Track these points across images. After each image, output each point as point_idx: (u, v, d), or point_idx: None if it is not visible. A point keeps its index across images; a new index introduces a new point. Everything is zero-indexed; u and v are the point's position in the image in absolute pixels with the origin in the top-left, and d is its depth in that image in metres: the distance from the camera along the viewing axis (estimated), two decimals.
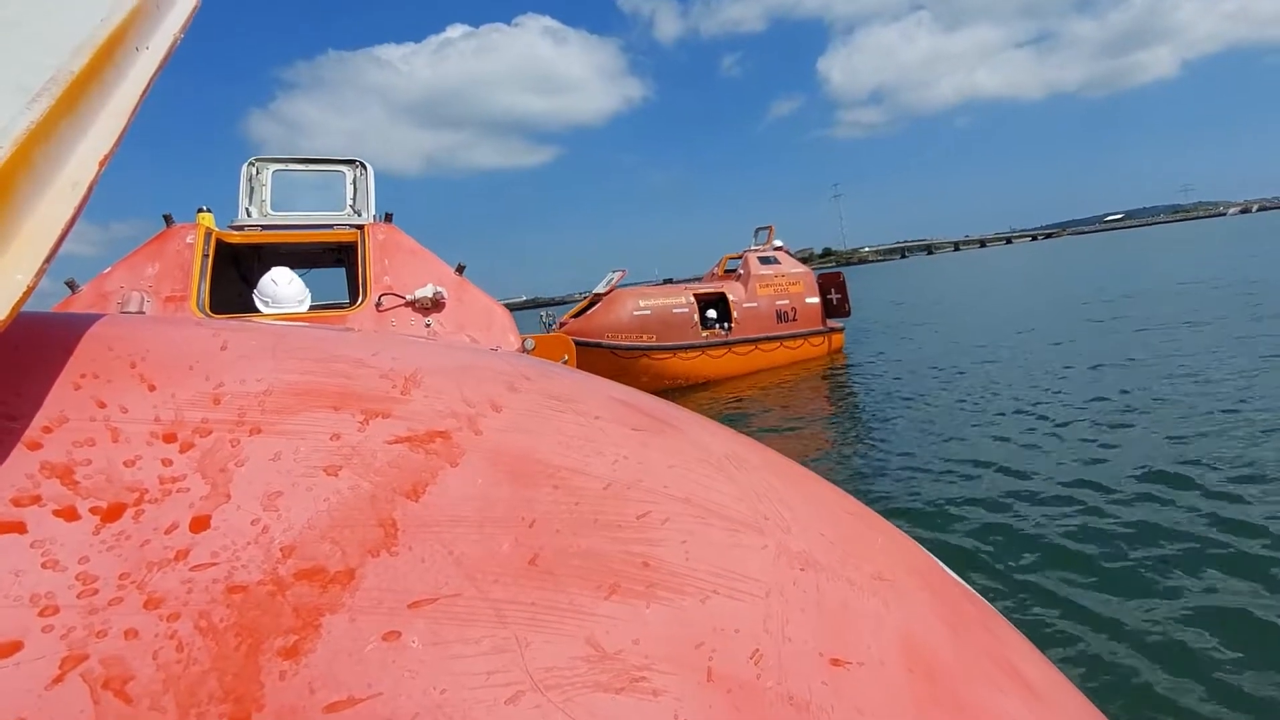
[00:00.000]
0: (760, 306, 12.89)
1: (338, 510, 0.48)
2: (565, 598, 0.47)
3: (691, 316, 12.20)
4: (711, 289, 12.95)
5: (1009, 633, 0.83)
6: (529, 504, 0.54)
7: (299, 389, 0.58)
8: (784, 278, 13.36)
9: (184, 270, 3.36)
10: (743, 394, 10.83)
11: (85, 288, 3.20)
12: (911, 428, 7.23)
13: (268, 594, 0.42)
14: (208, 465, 0.49)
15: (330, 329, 0.82)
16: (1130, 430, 5.98)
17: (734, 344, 12.38)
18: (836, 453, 6.89)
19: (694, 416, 0.97)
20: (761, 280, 13.08)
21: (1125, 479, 4.83)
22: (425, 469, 0.53)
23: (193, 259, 3.41)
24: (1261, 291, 13.42)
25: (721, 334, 12.43)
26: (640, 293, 12.42)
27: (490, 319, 4.06)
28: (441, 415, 0.60)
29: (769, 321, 12.92)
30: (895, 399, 8.86)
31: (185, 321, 0.68)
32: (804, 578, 0.61)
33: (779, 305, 13.08)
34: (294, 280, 3.96)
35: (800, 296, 13.35)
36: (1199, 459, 4.98)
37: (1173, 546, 3.76)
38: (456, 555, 0.47)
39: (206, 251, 3.51)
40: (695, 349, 12.05)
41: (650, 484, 0.63)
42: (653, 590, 0.51)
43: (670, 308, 12.08)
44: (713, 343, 12.23)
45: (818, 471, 4.18)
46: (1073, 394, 7.54)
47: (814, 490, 0.87)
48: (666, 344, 11.80)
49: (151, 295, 3.22)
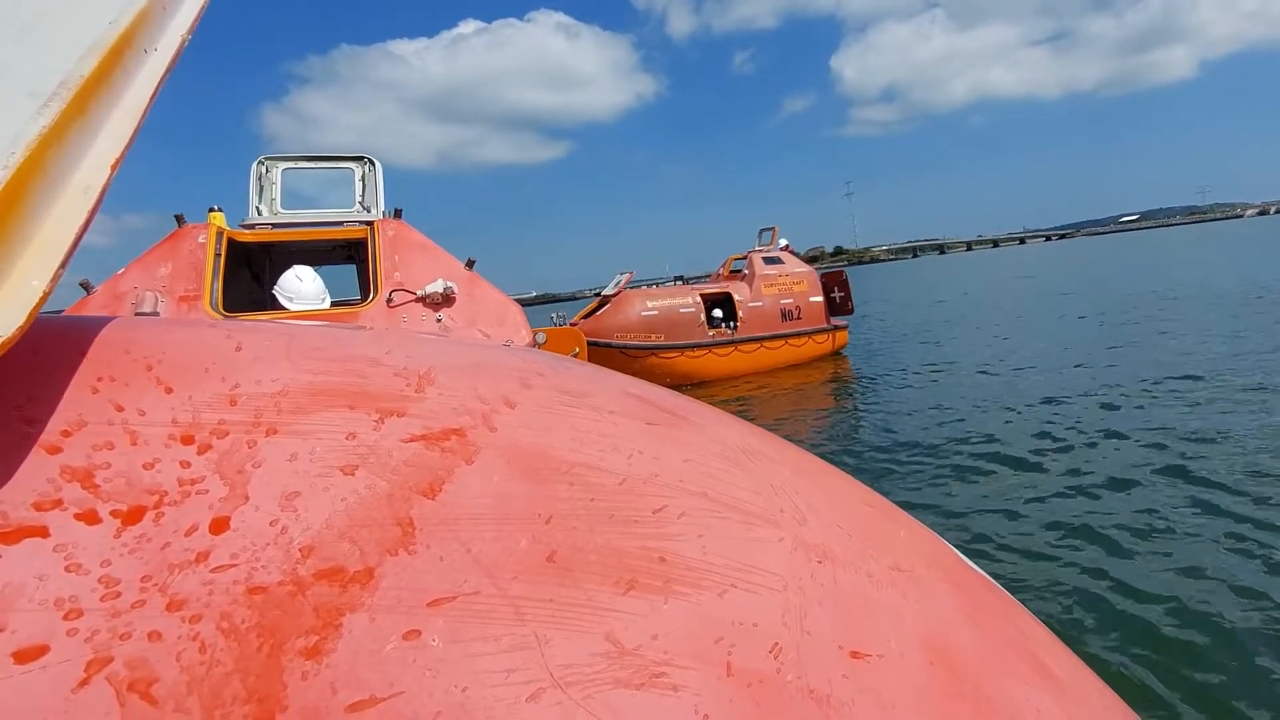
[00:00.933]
0: (765, 305, 12.92)
1: (355, 509, 0.47)
2: (583, 594, 0.47)
3: (698, 316, 12.26)
4: (717, 289, 12.99)
5: (1031, 624, 0.82)
6: (545, 500, 0.53)
7: (314, 389, 0.57)
8: (788, 277, 13.36)
9: (197, 270, 3.37)
10: (749, 393, 10.81)
11: (99, 288, 3.21)
12: (918, 421, 7.20)
13: (288, 594, 0.42)
14: (226, 467, 0.48)
15: (342, 328, 0.81)
16: (1119, 415, 5.95)
17: (740, 342, 12.43)
18: (844, 447, 6.87)
19: (708, 409, 0.95)
20: (766, 280, 13.11)
21: (1127, 467, 4.80)
22: (441, 467, 0.53)
23: (205, 259, 3.42)
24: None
25: (727, 333, 12.46)
26: (648, 293, 12.54)
27: (503, 314, 4.04)
28: (456, 413, 0.59)
29: (774, 320, 12.93)
30: (899, 395, 8.83)
31: (199, 323, 0.68)
32: (821, 570, 0.60)
33: (783, 304, 13.09)
34: (316, 278, 3.97)
35: (804, 295, 13.35)
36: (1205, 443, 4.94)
37: (1187, 535, 3.73)
38: (474, 553, 0.47)
39: (219, 251, 3.51)
40: (702, 348, 12.12)
41: (666, 478, 0.62)
42: (670, 585, 0.50)
43: (677, 308, 12.17)
44: (719, 341, 12.29)
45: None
46: (1082, 390, 7.51)
47: (831, 482, 0.86)
48: (674, 343, 11.90)
49: (165, 295, 3.23)
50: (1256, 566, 3.35)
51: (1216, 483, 4.40)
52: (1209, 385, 6.95)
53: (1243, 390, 6.55)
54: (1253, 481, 4.35)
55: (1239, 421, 5.61)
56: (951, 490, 5.03)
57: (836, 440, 7.35)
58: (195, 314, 3.28)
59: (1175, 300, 14.71)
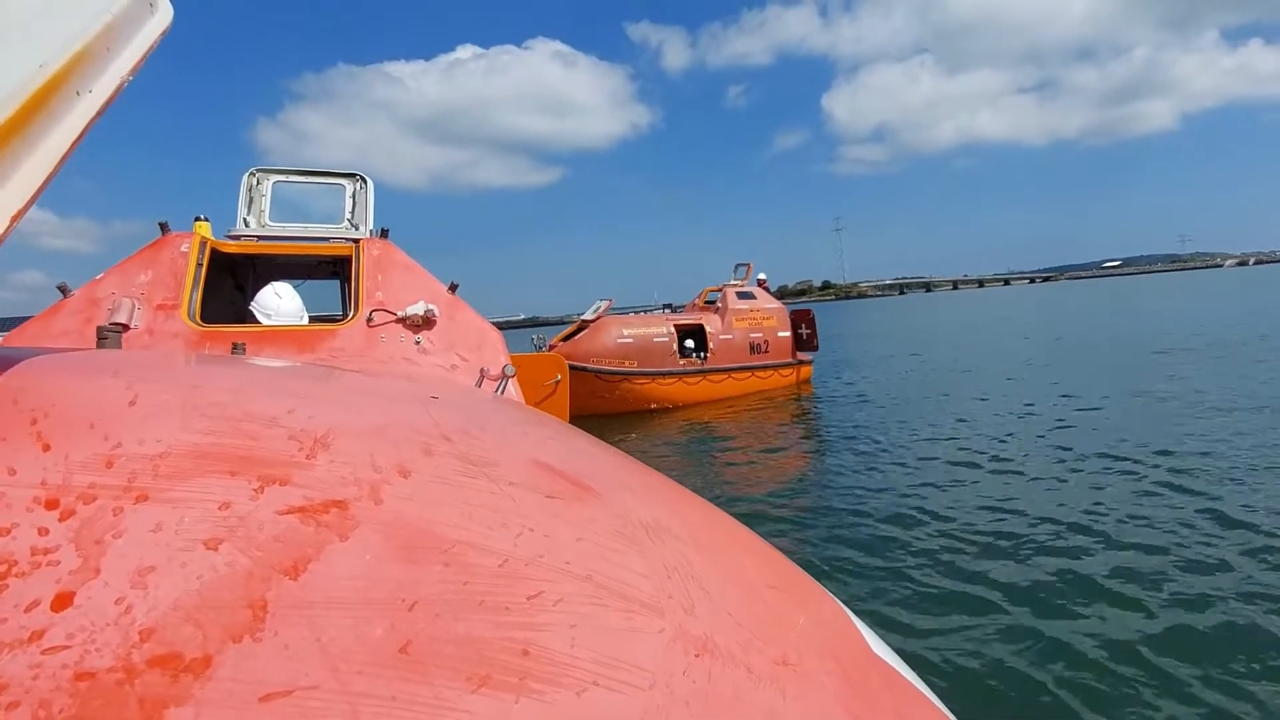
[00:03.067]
0: (735, 338, 13.14)
1: (209, 589, 0.45)
2: (430, 691, 0.44)
3: (671, 345, 12.45)
4: (691, 320, 13.22)
5: (927, 712, 0.78)
6: (414, 584, 0.51)
7: (198, 451, 0.55)
8: (758, 312, 13.63)
9: (177, 279, 3.27)
10: (713, 420, 10.85)
11: (77, 293, 3.10)
12: (871, 457, 7.25)
13: (115, 683, 0.39)
14: (84, 536, 0.46)
15: (266, 370, 0.79)
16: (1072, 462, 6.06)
17: (709, 372, 12.61)
18: (795, 478, 6.87)
19: (629, 475, 0.91)
20: (738, 314, 13.35)
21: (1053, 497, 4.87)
22: (312, 543, 0.50)
23: (186, 268, 3.33)
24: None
25: (698, 362, 12.65)
26: (624, 321, 12.70)
27: (481, 339, 3.96)
28: (344, 482, 0.57)
29: (742, 352, 13.14)
30: (859, 429, 8.89)
31: (103, 370, 0.65)
32: (697, 665, 0.56)
33: (753, 337, 13.32)
34: (295, 295, 3.87)
35: (773, 330, 13.62)
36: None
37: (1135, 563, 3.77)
38: (324, 642, 0.44)
39: (201, 260, 3.43)
40: (673, 375, 12.27)
41: (551, 560, 0.59)
42: (525, 682, 0.47)
43: (651, 336, 12.35)
44: (689, 370, 12.45)
45: (771, 501, 4.15)
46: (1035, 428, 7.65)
47: (738, 561, 0.82)
48: (646, 370, 12.03)
49: (143, 303, 3.14)
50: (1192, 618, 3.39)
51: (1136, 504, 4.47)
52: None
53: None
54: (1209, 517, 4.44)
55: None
56: (884, 524, 5.04)
57: (789, 469, 7.36)
58: (172, 323, 3.18)
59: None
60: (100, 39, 0.65)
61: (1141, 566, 4.04)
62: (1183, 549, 4.21)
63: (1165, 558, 4.11)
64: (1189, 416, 7.74)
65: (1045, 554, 4.36)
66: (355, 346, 3.51)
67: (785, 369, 13.66)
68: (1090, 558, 4.23)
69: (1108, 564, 4.10)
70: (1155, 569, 3.97)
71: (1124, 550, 4.29)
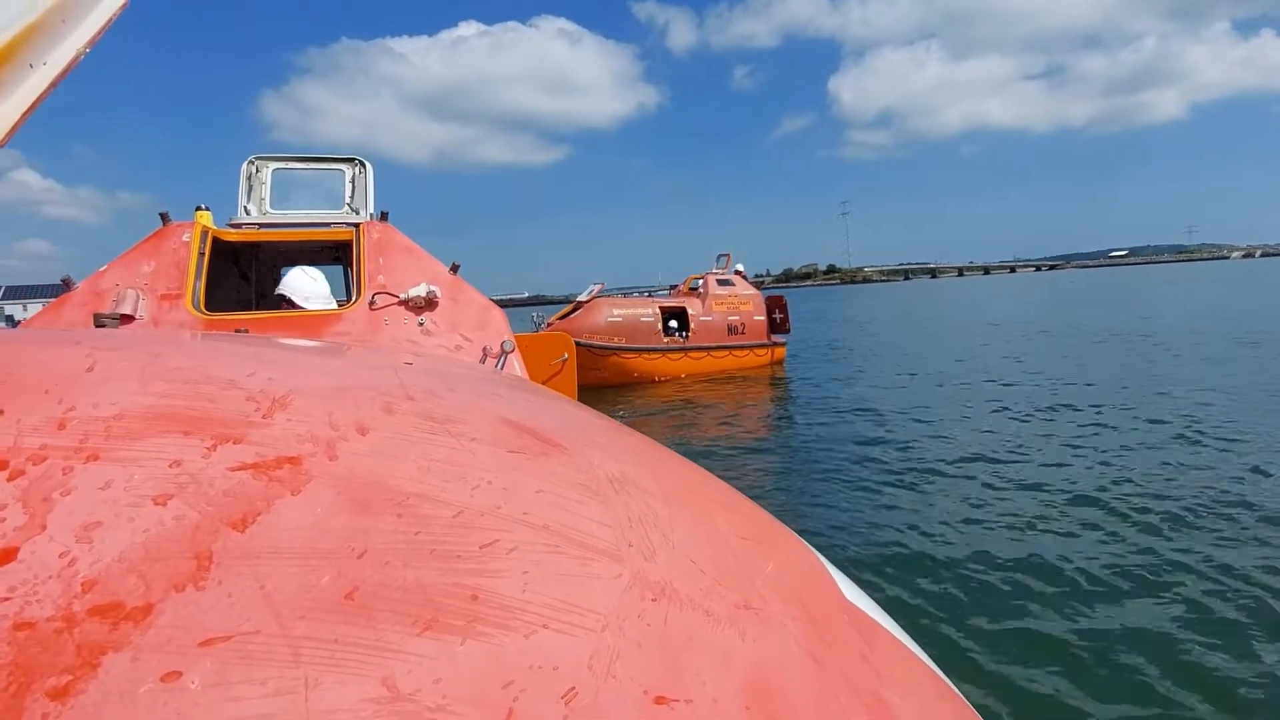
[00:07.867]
0: (714, 320, 13.39)
1: (154, 542, 0.42)
2: (373, 634, 0.42)
3: (656, 325, 12.78)
4: (675, 303, 13.51)
5: (891, 661, 0.73)
6: (364, 534, 0.48)
7: (153, 413, 0.52)
8: (736, 297, 13.87)
9: (179, 268, 3.17)
10: (696, 394, 10.94)
11: (81, 285, 2.99)
12: (839, 430, 7.31)
13: (54, 631, 0.37)
14: (32, 494, 0.43)
15: (232, 344, 0.76)
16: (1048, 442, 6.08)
17: (690, 350, 12.92)
18: (766, 446, 6.90)
19: (603, 434, 0.86)
20: (717, 299, 13.60)
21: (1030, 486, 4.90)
22: (262, 497, 0.48)
23: (189, 257, 3.23)
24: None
25: (680, 341, 12.97)
26: (615, 302, 13.06)
27: (485, 319, 3.82)
28: (299, 439, 0.55)
29: (721, 333, 13.41)
30: (827, 405, 8.96)
31: (66, 340, 0.62)
32: (652, 609, 0.53)
33: (730, 320, 13.56)
34: (322, 277, 3.75)
35: (750, 314, 13.85)
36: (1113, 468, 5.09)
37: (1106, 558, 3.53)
38: (268, 590, 0.42)
39: (203, 250, 3.33)
40: (657, 352, 12.59)
41: (508, 510, 0.56)
42: (473, 625, 0.45)
43: (638, 316, 12.70)
44: (672, 348, 12.78)
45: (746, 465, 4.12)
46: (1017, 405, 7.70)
47: (709, 513, 0.77)
48: (633, 346, 12.37)
49: (147, 293, 3.04)
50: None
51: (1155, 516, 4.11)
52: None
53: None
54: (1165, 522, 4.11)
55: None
56: (845, 497, 4.97)
57: (760, 436, 7.39)
58: (177, 313, 3.09)
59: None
60: (54, 12, 0.60)
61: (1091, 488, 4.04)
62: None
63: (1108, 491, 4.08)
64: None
65: (987, 472, 4.36)
66: (359, 330, 3.42)
67: (760, 349, 13.91)
68: (1036, 481, 4.25)
69: (1051, 484, 4.15)
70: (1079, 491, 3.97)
71: (1053, 468, 4.34)
